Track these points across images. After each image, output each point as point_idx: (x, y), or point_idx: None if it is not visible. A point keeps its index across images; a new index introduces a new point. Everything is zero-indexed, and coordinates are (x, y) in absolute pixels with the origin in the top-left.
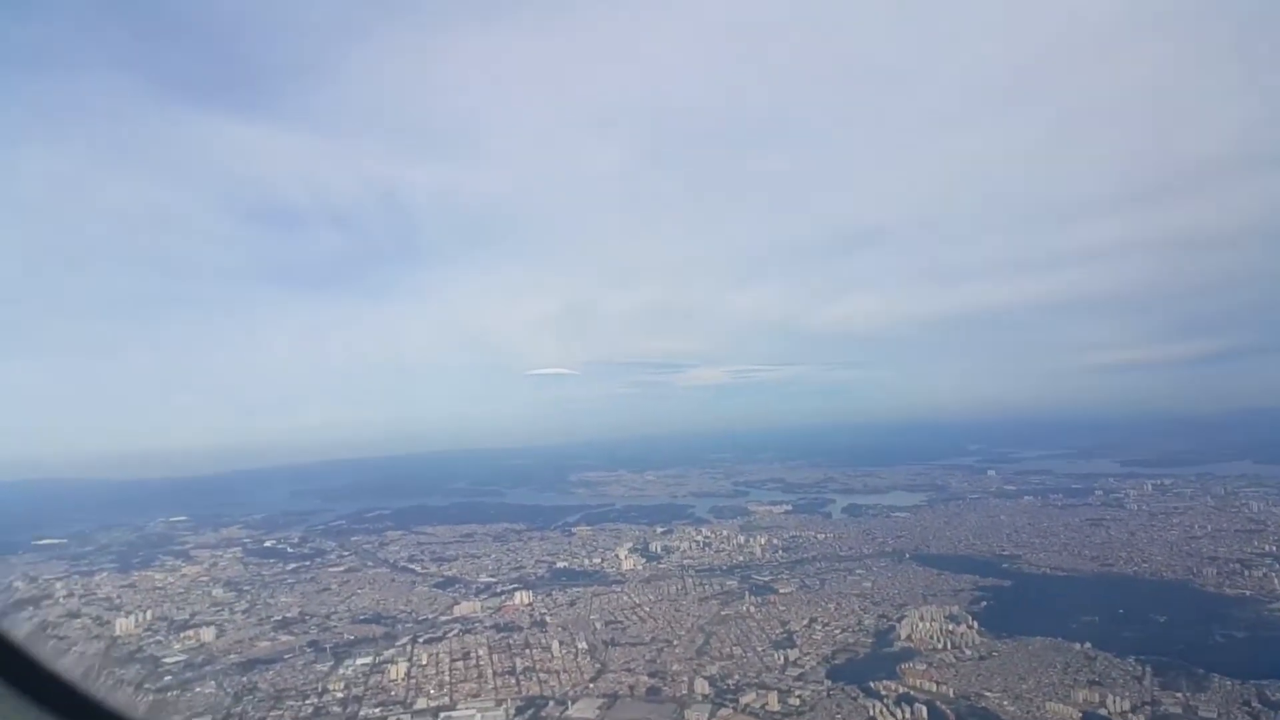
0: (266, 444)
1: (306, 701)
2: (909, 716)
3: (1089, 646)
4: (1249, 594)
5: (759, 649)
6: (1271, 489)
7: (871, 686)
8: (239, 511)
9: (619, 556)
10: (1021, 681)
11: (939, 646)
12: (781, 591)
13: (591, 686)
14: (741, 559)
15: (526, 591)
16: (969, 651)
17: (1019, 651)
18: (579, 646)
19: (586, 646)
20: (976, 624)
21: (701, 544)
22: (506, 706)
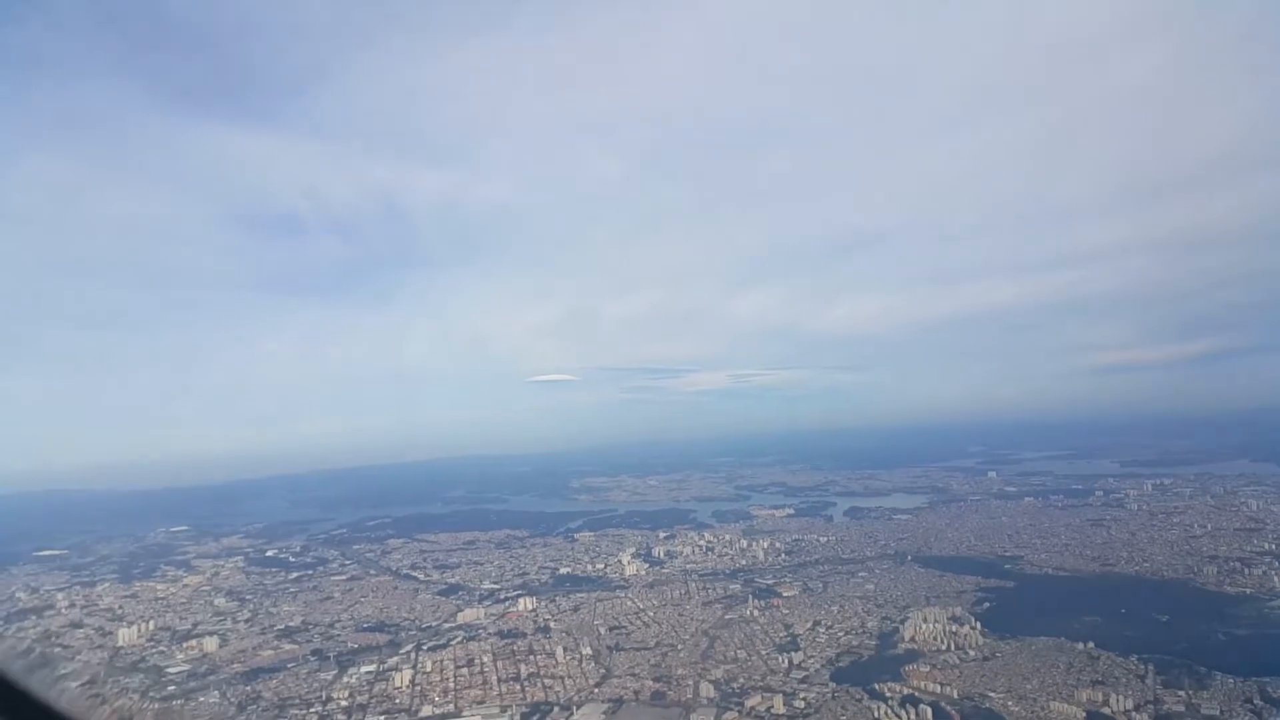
0: (267, 453)
1: (311, 710)
2: (914, 718)
3: (1092, 646)
4: (1249, 592)
5: (763, 652)
6: (1270, 487)
7: (876, 688)
8: (240, 521)
9: (622, 562)
10: (1025, 682)
11: (943, 648)
12: (785, 595)
13: (596, 692)
14: (744, 563)
15: (530, 598)
16: (972, 652)
17: (1022, 652)
18: (583, 652)
19: (590, 652)
20: (980, 625)
21: (704, 548)
22: (511, 713)
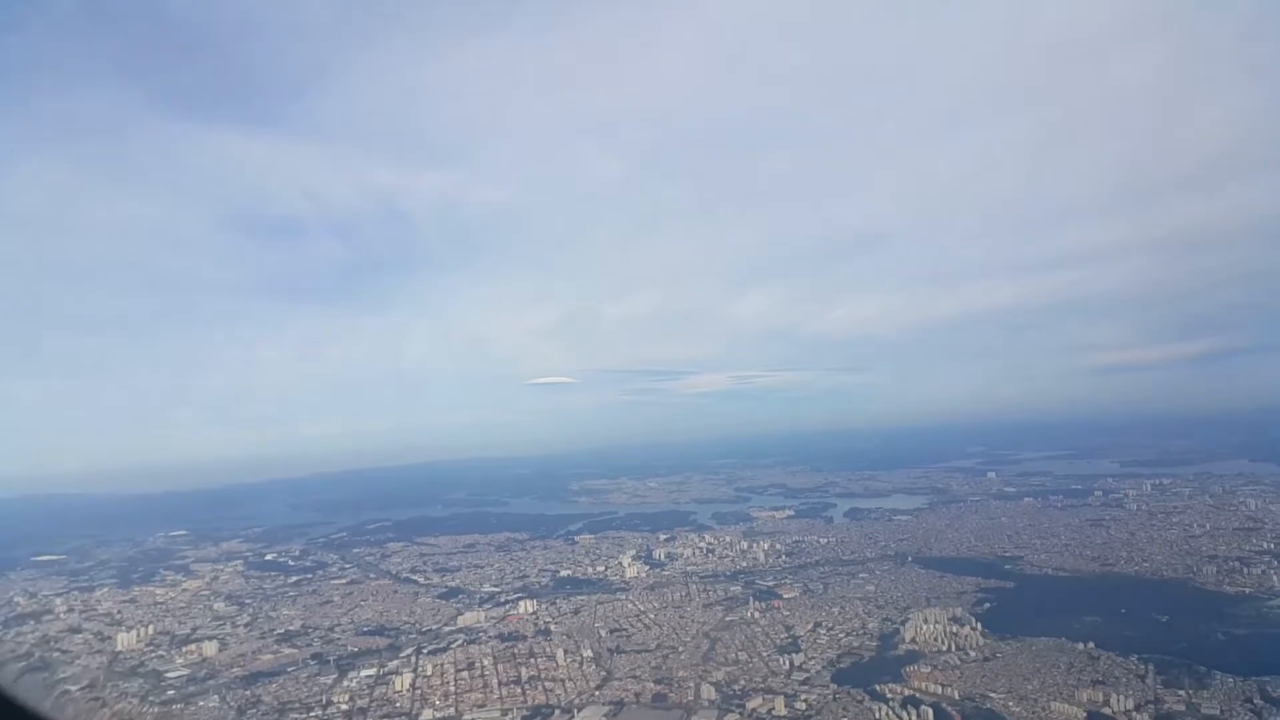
0: (266, 456)
1: (311, 714)
2: (915, 719)
3: (1092, 646)
4: (1248, 591)
5: (764, 654)
6: (1268, 487)
7: (877, 689)
8: (239, 525)
9: (622, 564)
10: (1026, 682)
11: (943, 649)
12: (785, 596)
13: (597, 694)
14: (745, 564)
15: (530, 600)
16: (973, 653)
17: (1023, 652)
18: (584, 654)
19: (591, 654)
20: (980, 625)
21: (705, 550)
22: (512, 716)
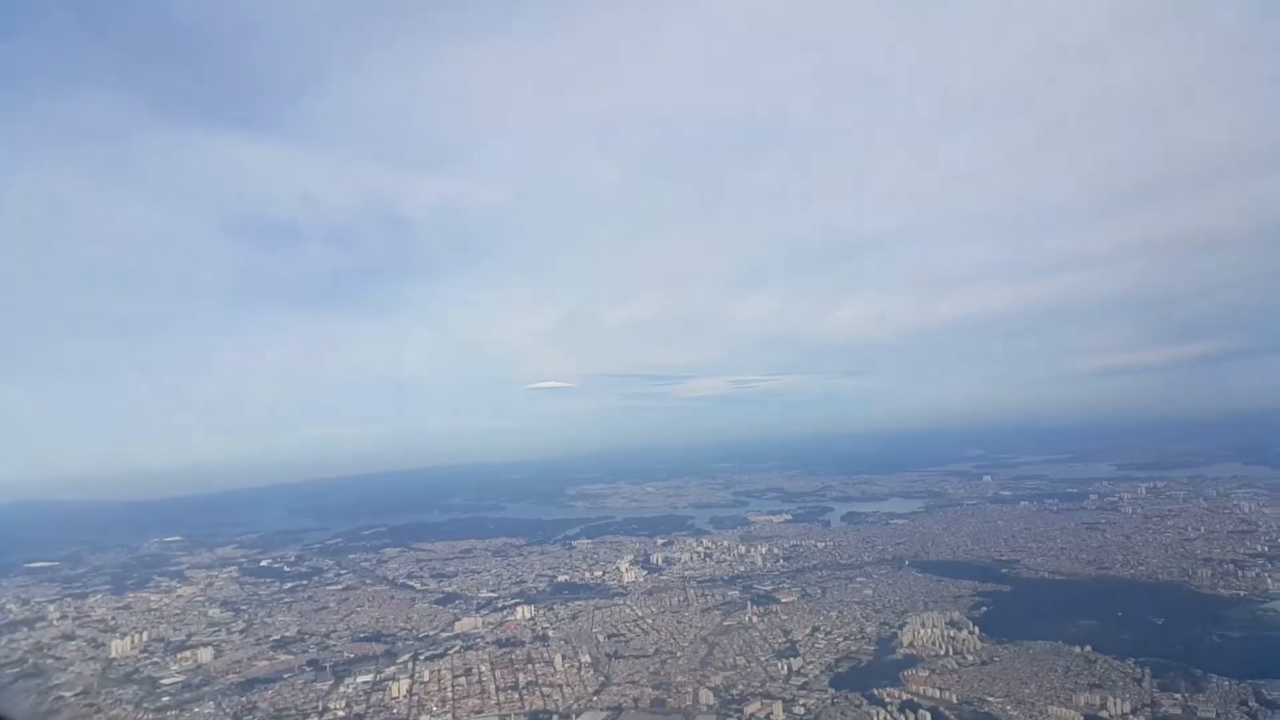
0: (263, 462)
1: None
2: None
3: (1089, 650)
4: (1243, 594)
5: (762, 659)
6: (1262, 490)
7: (875, 694)
8: (234, 531)
9: (620, 569)
10: (1023, 686)
11: (941, 652)
12: (783, 600)
13: (595, 700)
14: (743, 569)
15: (528, 606)
16: (971, 657)
17: (1020, 656)
18: (582, 660)
19: (589, 660)
20: (977, 629)
21: (702, 555)
22: None
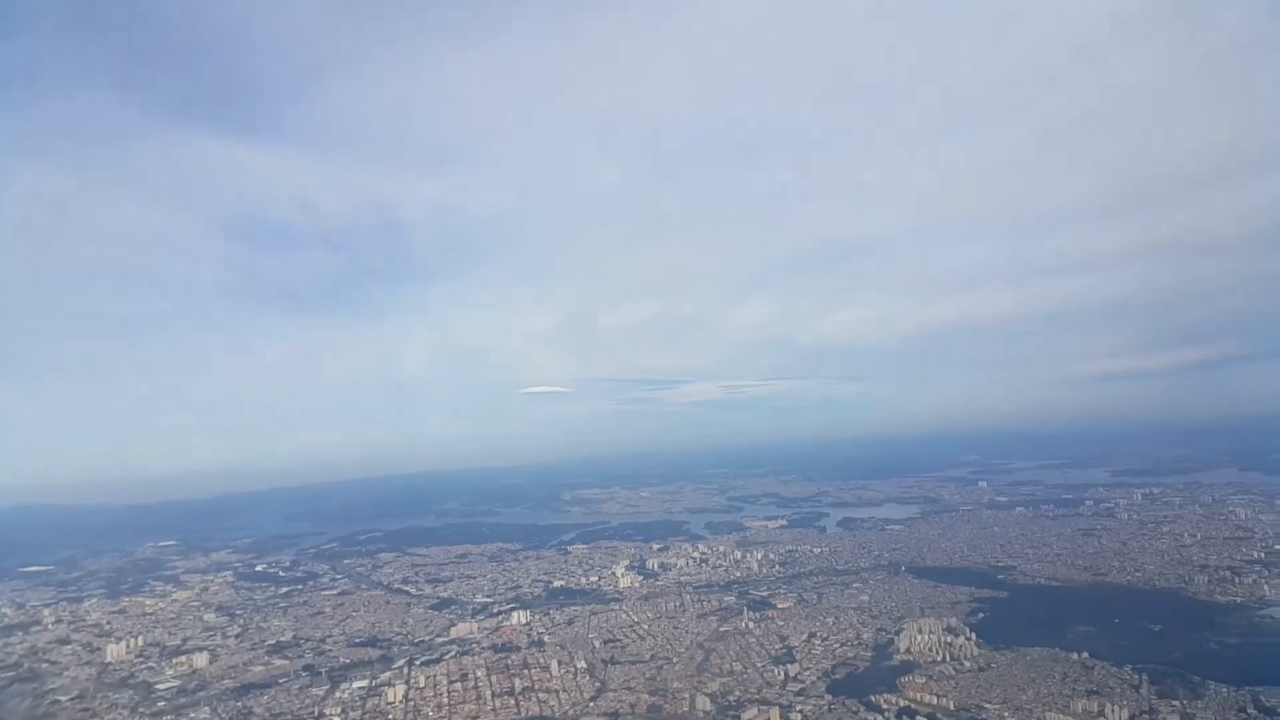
0: (259, 466)
1: None
2: None
3: (1086, 656)
4: (1240, 601)
5: (759, 665)
6: (1257, 496)
7: (872, 700)
8: (229, 535)
9: (616, 574)
10: (1021, 692)
11: (938, 659)
12: (779, 606)
13: (592, 706)
14: (739, 574)
15: (523, 611)
16: (968, 663)
17: (1017, 662)
18: (578, 665)
19: (585, 665)
20: (974, 635)
21: (698, 560)
22: None
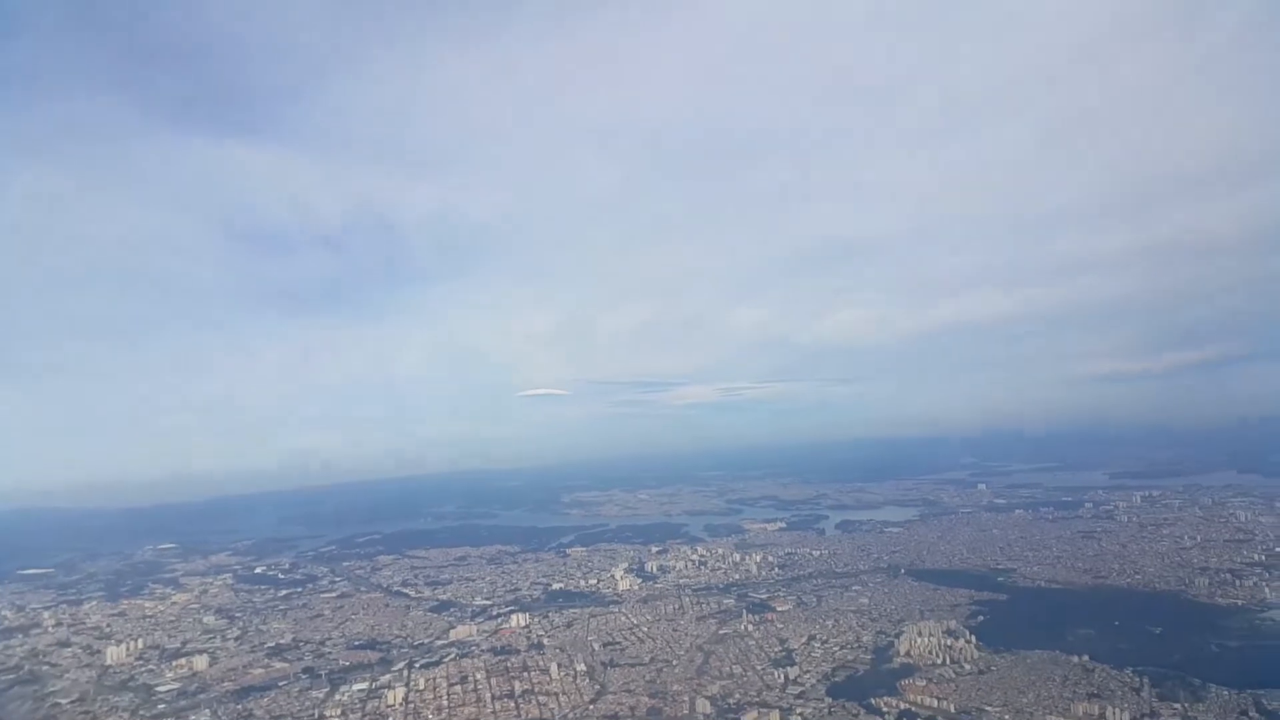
0: (257, 469)
1: None
2: None
3: (1086, 659)
4: (1241, 604)
5: (759, 667)
6: (1257, 499)
7: (872, 703)
8: (228, 538)
9: (615, 577)
10: (1021, 695)
11: (938, 662)
12: (779, 609)
13: (591, 708)
14: (738, 577)
15: (523, 614)
16: (968, 666)
17: (1018, 665)
18: (577, 668)
19: (585, 668)
20: (974, 638)
21: (697, 563)
22: None
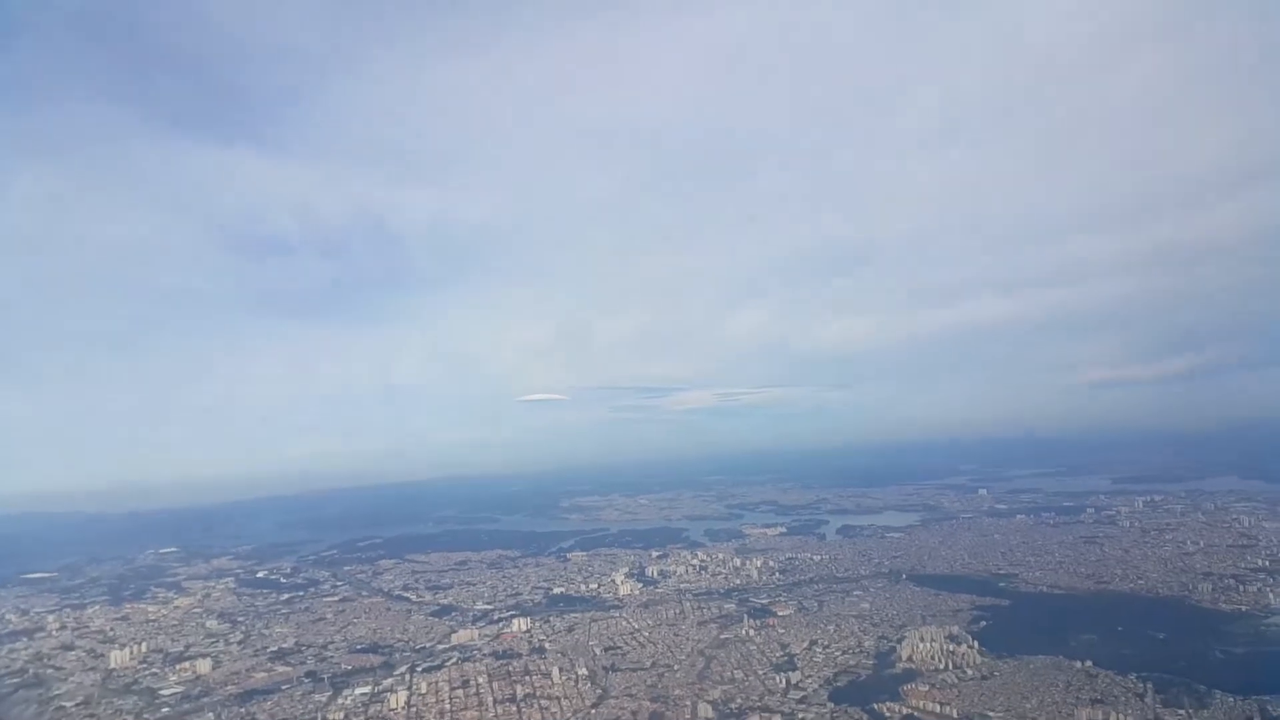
0: (257, 475)
1: None
2: None
3: (1090, 665)
4: (1245, 609)
5: (760, 672)
6: (1260, 504)
7: (875, 708)
8: (230, 542)
9: (615, 581)
10: (1024, 701)
11: (940, 667)
12: (780, 614)
13: (593, 713)
14: (738, 582)
15: (524, 618)
16: (970, 671)
17: (1020, 671)
18: (579, 673)
19: (587, 672)
20: (977, 644)
21: (698, 567)
22: None
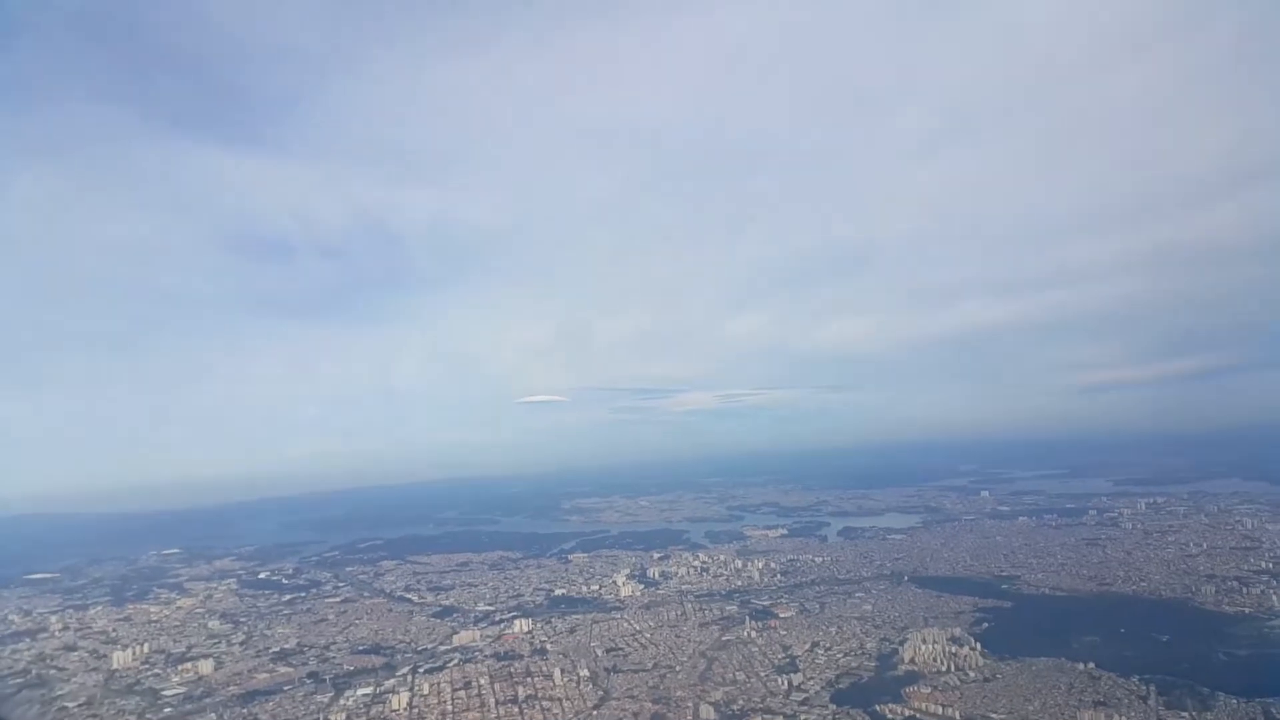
0: (258, 475)
1: None
2: None
3: (1092, 667)
4: (1248, 611)
5: (762, 674)
6: (1263, 506)
7: (877, 710)
8: (232, 543)
9: (617, 583)
10: (1027, 703)
11: (943, 669)
12: (781, 615)
13: (595, 714)
14: (740, 583)
15: (525, 619)
16: (973, 673)
17: (1023, 673)
18: (581, 674)
19: (588, 674)
20: (979, 646)
21: (699, 569)
22: None
